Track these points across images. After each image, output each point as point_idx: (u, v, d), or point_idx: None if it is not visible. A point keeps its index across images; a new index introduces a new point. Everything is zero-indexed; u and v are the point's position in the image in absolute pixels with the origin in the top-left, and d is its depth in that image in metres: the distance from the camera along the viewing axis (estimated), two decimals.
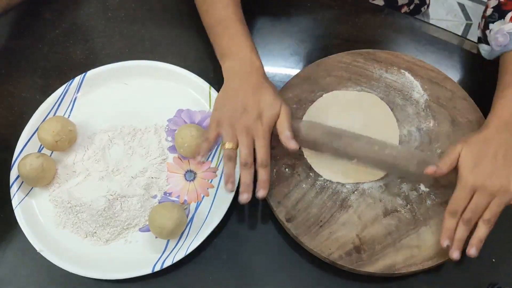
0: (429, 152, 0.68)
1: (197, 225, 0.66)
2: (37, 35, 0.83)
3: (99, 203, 0.66)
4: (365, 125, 0.69)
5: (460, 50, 0.81)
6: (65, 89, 0.75)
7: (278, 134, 0.63)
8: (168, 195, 0.69)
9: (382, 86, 0.73)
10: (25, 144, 0.71)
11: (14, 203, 0.67)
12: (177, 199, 0.68)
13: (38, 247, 0.64)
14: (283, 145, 0.62)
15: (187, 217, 0.67)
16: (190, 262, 0.65)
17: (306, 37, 0.82)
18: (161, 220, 0.62)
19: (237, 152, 0.62)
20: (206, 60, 0.80)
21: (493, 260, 0.65)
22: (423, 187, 0.66)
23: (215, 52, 0.71)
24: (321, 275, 0.64)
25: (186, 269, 0.65)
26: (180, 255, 0.63)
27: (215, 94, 0.73)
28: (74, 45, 0.82)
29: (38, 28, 0.84)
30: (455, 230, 0.59)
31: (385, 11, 0.84)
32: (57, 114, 0.74)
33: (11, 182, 0.68)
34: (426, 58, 0.75)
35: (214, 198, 0.68)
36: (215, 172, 0.70)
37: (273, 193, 0.65)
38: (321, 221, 0.63)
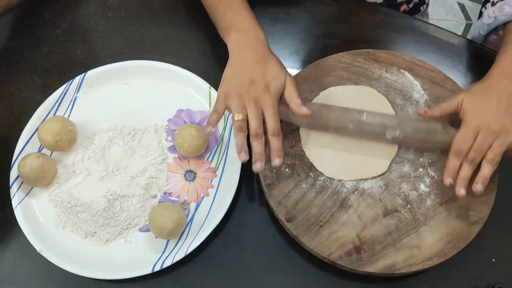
0: (429, 152, 0.68)
1: (197, 225, 0.66)
2: (37, 35, 0.83)
3: (99, 203, 0.66)
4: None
5: (460, 50, 0.81)
6: (65, 89, 0.75)
7: (288, 104, 0.64)
8: (168, 195, 0.69)
9: (382, 86, 0.73)
10: (25, 144, 0.71)
11: (14, 203, 0.67)
12: (177, 199, 0.68)
13: (38, 247, 0.64)
14: (295, 113, 0.64)
15: (187, 217, 0.67)
16: (190, 262, 0.65)
17: (306, 37, 0.82)
18: (161, 220, 0.62)
19: (246, 123, 0.63)
20: (206, 60, 0.80)
21: (493, 260, 0.65)
22: (423, 187, 0.66)
23: (217, 29, 0.72)
24: (321, 275, 0.64)
25: (186, 269, 0.65)
26: (180, 255, 0.63)
27: (215, 94, 0.73)
28: (74, 45, 0.82)
29: (38, 28, 0.84)
30: (459, 170, 0.61)
31: (384, 11, 0.85)
32: (57, 114, 0.74)
33: (11, 182, 0.68)
34: (426, 58, 0.75)
35: (214, 198, 0.68)
36: (215, 172, 0.70)
37: (273, 193, 0.65)
38: (321, 221, 0.63)
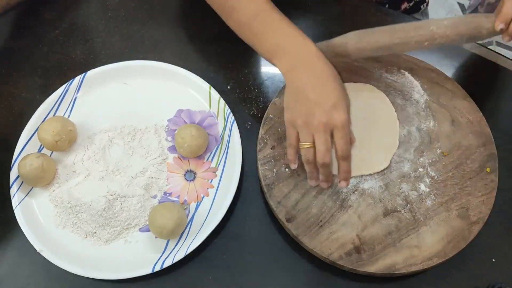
0: (429, 152, 0.68)
1: (197, 225, 0.66)
2: (37, 35, 0.83)
3: (99, 203, 0.66)
4: (364, 118, 0.69)
5: (460, 50, 0.81)
6: (65, 89, 0.75)
7: None
8: (168, 195, 0.69)
9: (382, 86, 0.73)
10: (25, 144, 0.71)
11: (14, 203, 0.67)
12: (177, 199, 0.68)
13: (38, 247, 0.64)
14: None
15: (187, 217, 0.67)
16: (190, 262, 0.65)
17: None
18: (161, 220, 0.62)
19: (314, 151, 0.60)
20: (206, 60, 0.80)
21: (493, 260, 0.65)
22: (423, 187, 0.66)
23: (257, 51, 0.64)
24: (321, 275, 0.64)
25: (186, 269, 0.65)
26: (180, 255, 0.63)
27: (215, 94, 0.73)
28: (74, 45, 0.82)
29: (38, 28, 0.84)
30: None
31: (384, 10, 0.85)
32: (57, 114, 0.74)
33: (11, 182, 0.68)
34: (426, 58, 0.75)
35: (214, 198, 0.68)
36: (215, 172, 0.70)
37: (273, 193, 0.65)
38: (321, 221, 0.63)
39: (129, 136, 0.72)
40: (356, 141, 0.65)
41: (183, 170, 0.70)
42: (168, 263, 0.63)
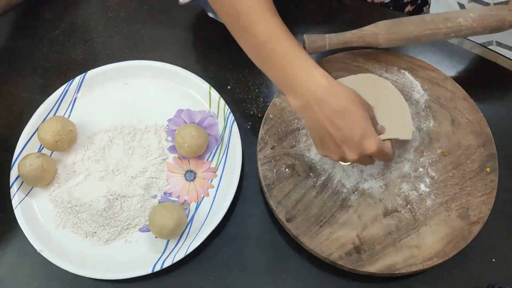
0: (429, 152, 0.68)
1: (197, 225, 0.66)
2: (37, 35, 0.83)
3: (99, 203, 0.66)
4: (375, 106, 0.66)
5: (460, 50, 0.81)
6: (65, 89, 0.75)
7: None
8: (168, 195, 0.69)
9: None
10: (25, 144, 0.71)
11: (14, 203, 0.67)
12: (177, 199, 0.68)
13: (38, 247, 0.64)
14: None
15: (187, 217, 0.67)
16: (190, 262, 0.65)
17: None
18: (161, 220, 0.62)
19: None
20: (206, 60, 0.80)
21: (493, 260, 0.65)
22: (423, 187, 0.66)
23: (268, 77, 0.60)
24: (321, 275, 0.64)
25: (186, 269, 0.65)
26: (180, 255, 0.63)
27: (215, 94, 0.73)
28: (74, 45, 0.82)
29: (38, 28, 0.84)
30: None
31: (384, 11, 0.84)
32: (57, 114, 0.74)
33: (11, 182, 0.68)
34: (426, 58, 0.75)
35: (214, 198, 0.68)
36: (215, 172, 0.70)
37: (273, 193, 0.65)
38: (321, 221, 0.63)
39: (129, 136, 0.72)
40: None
41: (183, 170, 0.70)
42: (168, 263, 0.63)
